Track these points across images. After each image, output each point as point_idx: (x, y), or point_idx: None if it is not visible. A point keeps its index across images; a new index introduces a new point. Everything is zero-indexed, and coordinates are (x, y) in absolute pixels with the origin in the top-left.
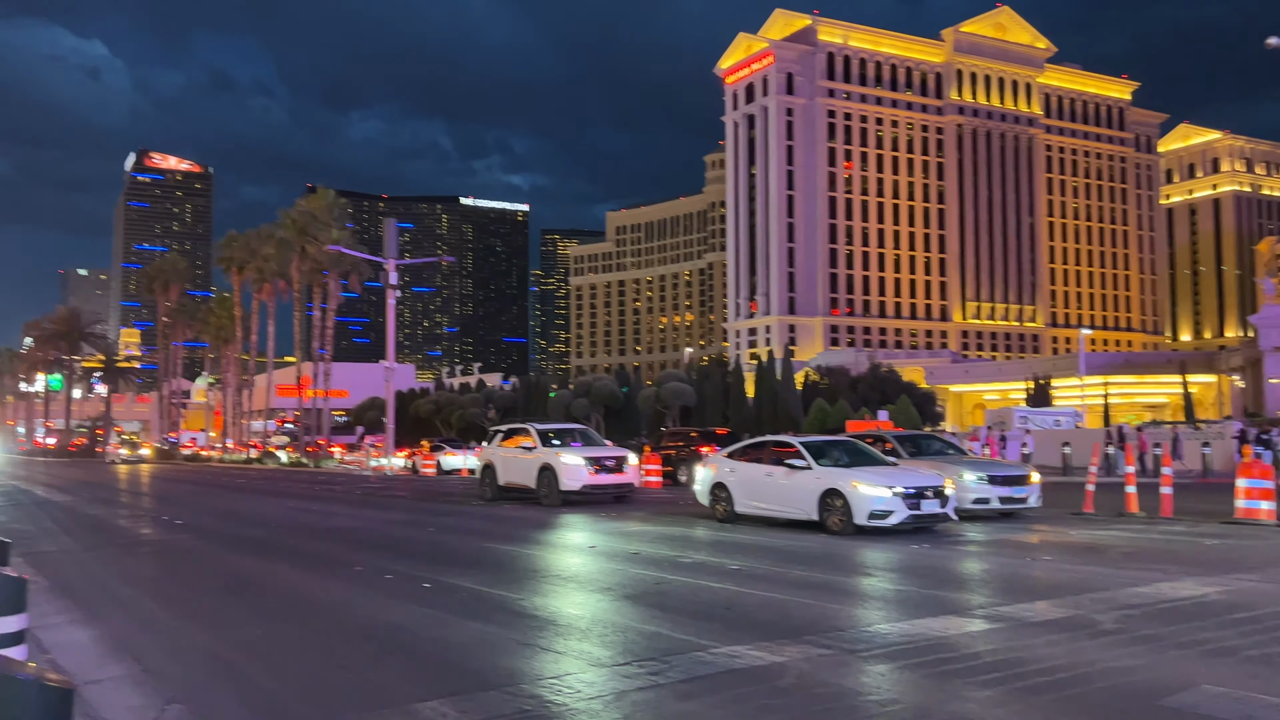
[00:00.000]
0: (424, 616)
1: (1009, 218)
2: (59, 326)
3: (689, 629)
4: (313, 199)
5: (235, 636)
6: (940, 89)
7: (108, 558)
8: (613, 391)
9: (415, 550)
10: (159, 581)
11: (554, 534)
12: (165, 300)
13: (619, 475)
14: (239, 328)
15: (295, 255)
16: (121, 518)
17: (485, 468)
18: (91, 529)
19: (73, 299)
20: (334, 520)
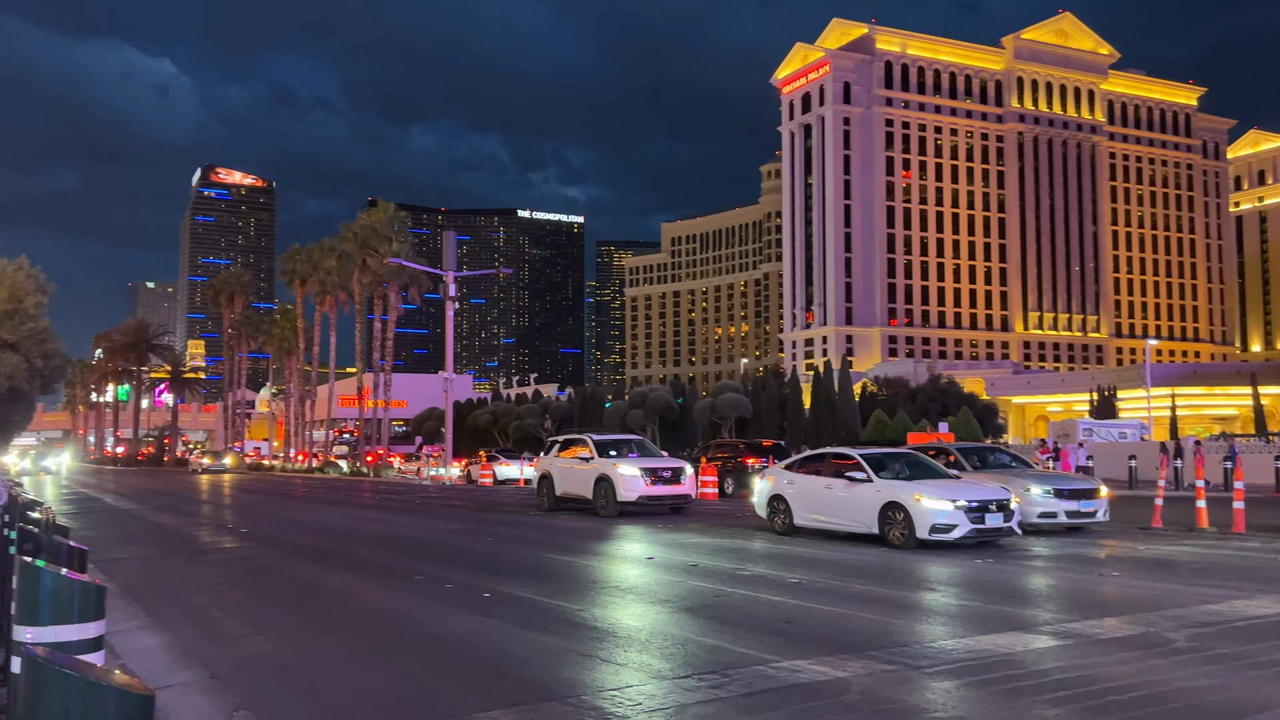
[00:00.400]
0: (484, 626)
1: (1072, 226)
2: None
3: (749, 642)
4: (373, 213)
5: (300, 645)
6: (1000, 96)
7: (175, 565)
8: (668, 402)
9: (474, 560)
10: (225, 589)
11: (611, 545)
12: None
13: (676, 486)
14: (301, 339)
15: (356, 268)
16: (188, 526)
17: (542, 478)
18: (159, 536)
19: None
20: (394, 529)
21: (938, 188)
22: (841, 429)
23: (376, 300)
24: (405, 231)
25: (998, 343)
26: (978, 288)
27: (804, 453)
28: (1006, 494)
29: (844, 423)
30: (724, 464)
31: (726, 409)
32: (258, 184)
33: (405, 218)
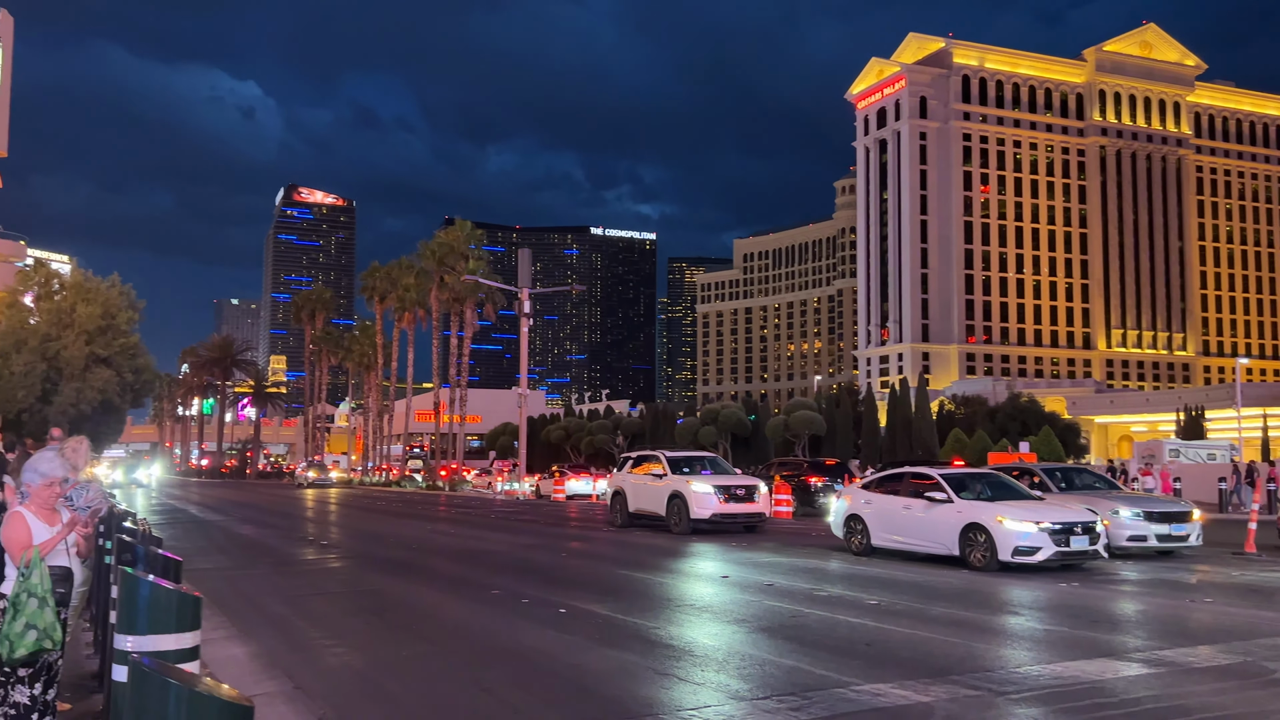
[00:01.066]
0: (561, 642)
1: (1157, 241)
2: (213, 353)
3: (829, 664)
4: (450, 231)
5: (381, 656)
6: (1082, 110)
7: (259, 576)
8: (740, 419)
9: (549, 575)
10: (307, 600)
11: (685, 562)
12: (311, 329)
13: (749, 504)
14: (380, 355)
15: (434, 285)
16: (270, 537)
17: (615, 494)
18: (243, 547)
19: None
20: (470, 543)
21: (1017, 202)
22: (919, 448)
23: (453, 317)
24: (481, 249)
25: (1079, 361)
26: (1058, 304)
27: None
28: (1093, 516)
29: (921, 441)
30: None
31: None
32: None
33: (481, 235)
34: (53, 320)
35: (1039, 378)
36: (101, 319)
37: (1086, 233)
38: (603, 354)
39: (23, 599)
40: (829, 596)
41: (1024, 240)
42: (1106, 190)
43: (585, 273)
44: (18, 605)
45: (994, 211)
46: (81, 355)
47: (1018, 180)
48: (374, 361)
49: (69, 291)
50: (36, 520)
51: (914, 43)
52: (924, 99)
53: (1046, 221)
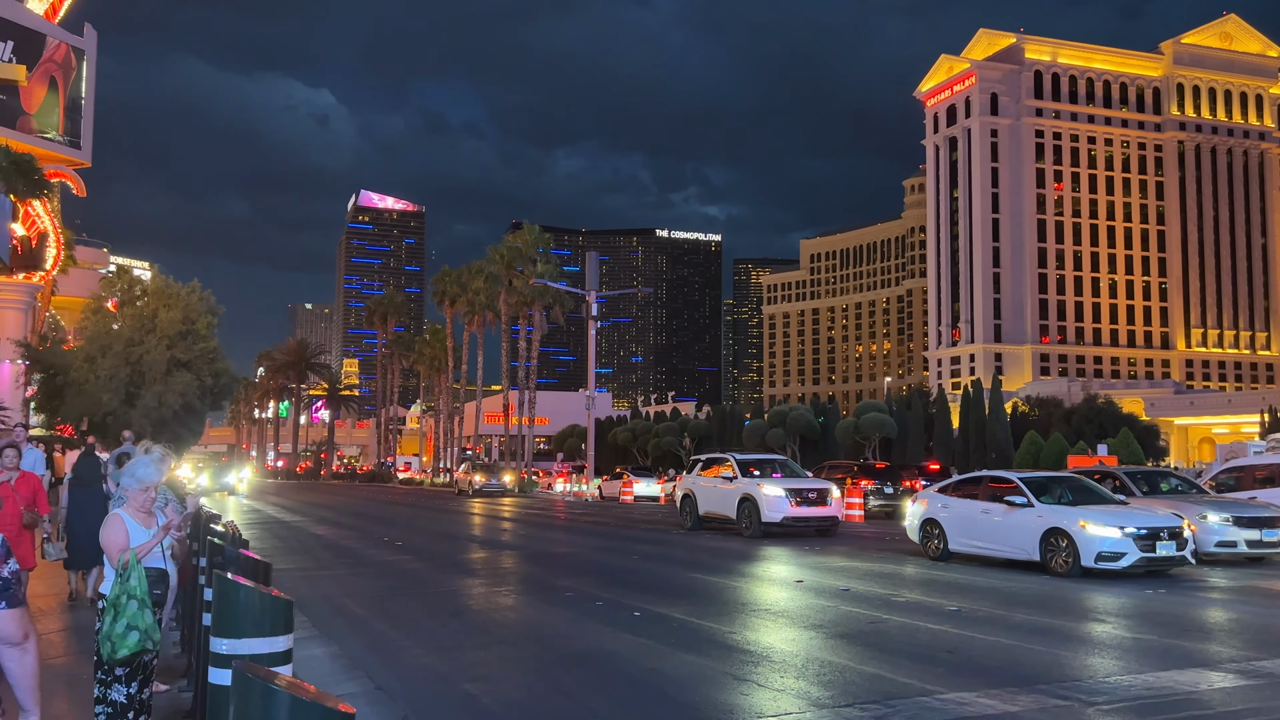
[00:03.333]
0: (637, 646)
1: (1238, 238)
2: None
3: (911, 672)
4: (518, 235)
5: (459, 658)
6: (1159, 104)
7: (337, 577)
8: (809, 421)
9: (622, 577)
10: (384, 601)
11: (758, 566)
12: (383, 332)
13: (821, 508)
14: (450, 358)
15: (502, 289)
16: (345, 538)
17: (685, 497)
18: (321, 548)
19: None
20: (541, 544)
21: (1091, 200)
22: (992, 450)
23: (521, 320)
24: (549, 253)
25: (1157, 361)
26: (1135, 303)
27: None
28: (1179, 521)
29: (995, 444)
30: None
31: (871, 429)
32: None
33: (549, 239)
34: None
35: (1115, 378)
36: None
37: (1165, 230)
38: (668, 356)
39: (123, 601)
40: (907, 602)
41: (1099, 238)
42: (1185, 186)
43: (651, 275)
44: (118, 607)
45: (1068, 209)
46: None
47: (1092, 177)
48: (444, 364)
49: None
50: (134, 523)
51: (984, 39)
52: (995, 95)
53: (1123, 219)
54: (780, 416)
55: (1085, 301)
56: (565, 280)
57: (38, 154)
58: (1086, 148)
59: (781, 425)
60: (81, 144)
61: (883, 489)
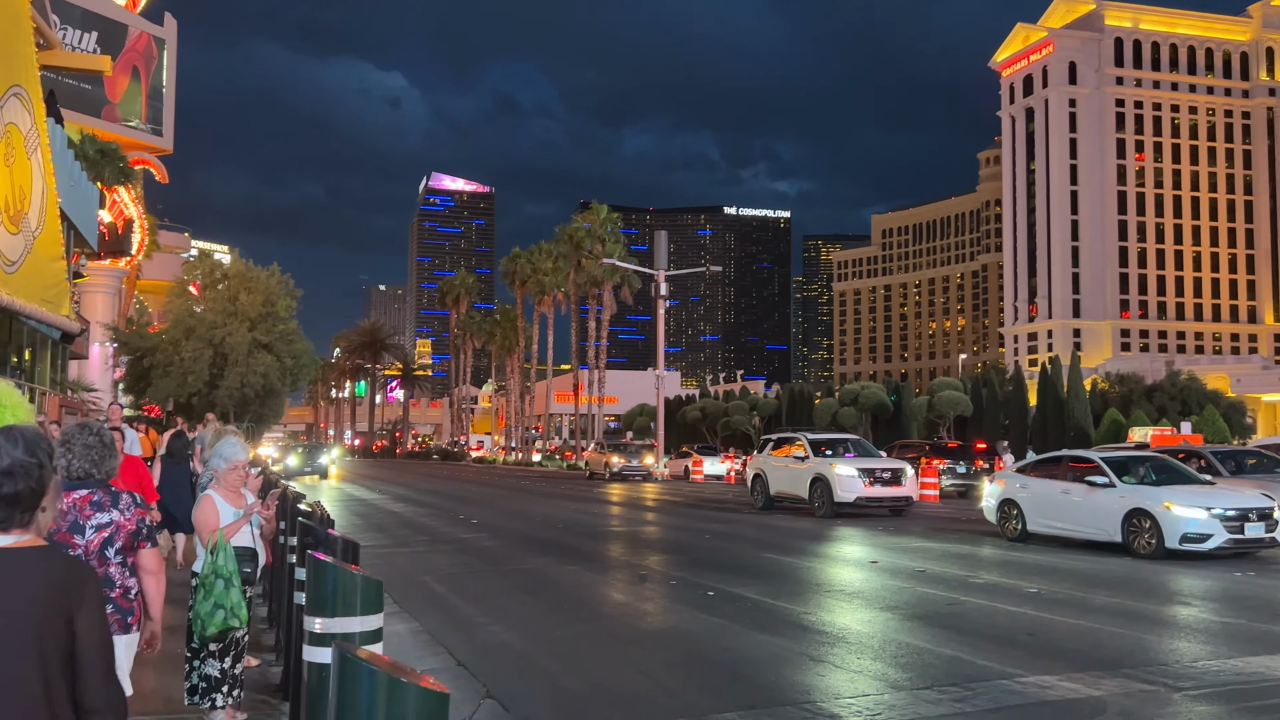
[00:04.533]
0: (712, 625)
1: None
2: (362, 338)
3: (990, 654)
4: (587, 215)
5: (537, 635)
6: (1247, 70)
7: (416, 554)
8: (882, 400)
9: (695, 557)
10: (463, 579)
11: (830, 546)
12: (455, 313)
13: (895, 488)
14: (520, 338)
15: (572, 269)
16: (423, 516)
17: (756, 476)
18: (398, 525)
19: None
20: (612, 523)
21: (1175, 170)
22: (1071, 429)
23: (590, 299)
24: (618, 232)
25: (1244, 335)
26: (1220, 276)
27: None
28: (1270, 502)
29: (1074, 422)
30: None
31: (945, 407)
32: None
33: (617, 219)
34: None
35: (1199, 354)
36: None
37: (1252, 200)
38: (737, 334)
39: (210, 579)
40: (985, 584)
41: (1183, 209)
42: (1274, 154)
43: (719, 253)
44: (207, 585)
45: (1150, 180)
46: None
47: (1175, 147)
48: (514, 344)
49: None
50: (224, 503)
51: (1062, 6)
52: (1073, 64)
53: (1207, 189)
54: (852, 395)
55: (1168, 275)
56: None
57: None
58: (1169, 116)
59: (853, 404)
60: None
61: (955, 468)
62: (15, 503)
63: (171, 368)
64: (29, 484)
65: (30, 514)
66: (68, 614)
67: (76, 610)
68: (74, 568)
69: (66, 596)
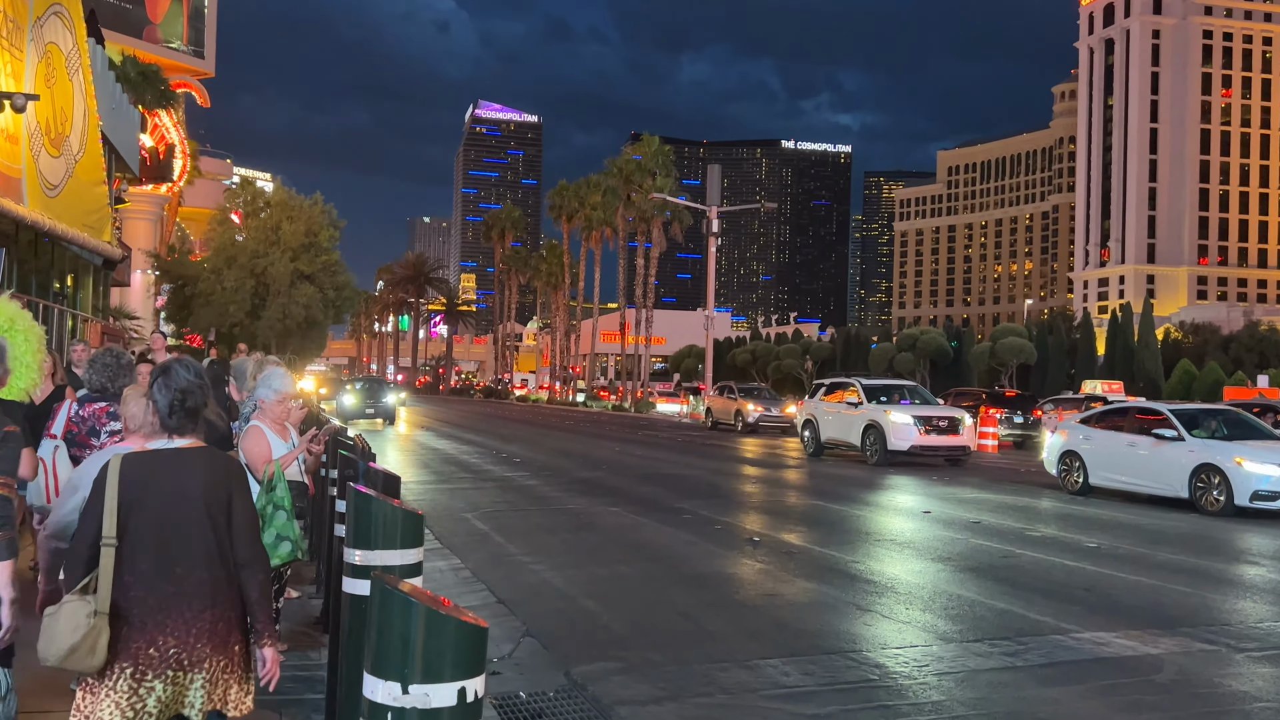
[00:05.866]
0: (755, 571)
1: None
2: (407, 271)
3: (1044, 609)
4: (637, 147)
5: (578, 575)
6: None
7: (458, 491)
8: (941, 346)
9: (740, 501)
10: (504, 516)
11: (883, 495)
12: (501, 248)
13: (952, 437)
14: (567, 274)
15: (620, 203)
16: (466, 454)
17: (806, 422)
18: (442, 462)
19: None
20: (658, 465)
21: (1264, 108)
22: (1141, 379)
23: (639, 235)
24: (669, 165)
25: None
26: None
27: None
28: None
29: (1144, 373)
30: None
31: (1007, 354)
32: (527, 120)
33: (669, 152)
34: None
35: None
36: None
37: None
38: (791, 275)
39: (269, 511)
40: (1042, 537)
41: (1270, 150)
42: None
43: (775, 189)
44: (265, 517)
45: (1236, 118)
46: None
47: (1266, 82)
48: (561, 281)
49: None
50: (273, 435)
51: None
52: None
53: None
54: (910, 340)
55: (1251, 220)
56: (685, 195)
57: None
58: (1261, 50)
59: (911, 349)
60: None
61: (1013, 418)
62: (193, 413)
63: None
64: (200, 399)
65: (197, 422)
66: (227, 495)
67: (232, 494)
68: (230, 463)
69: (226, 483)
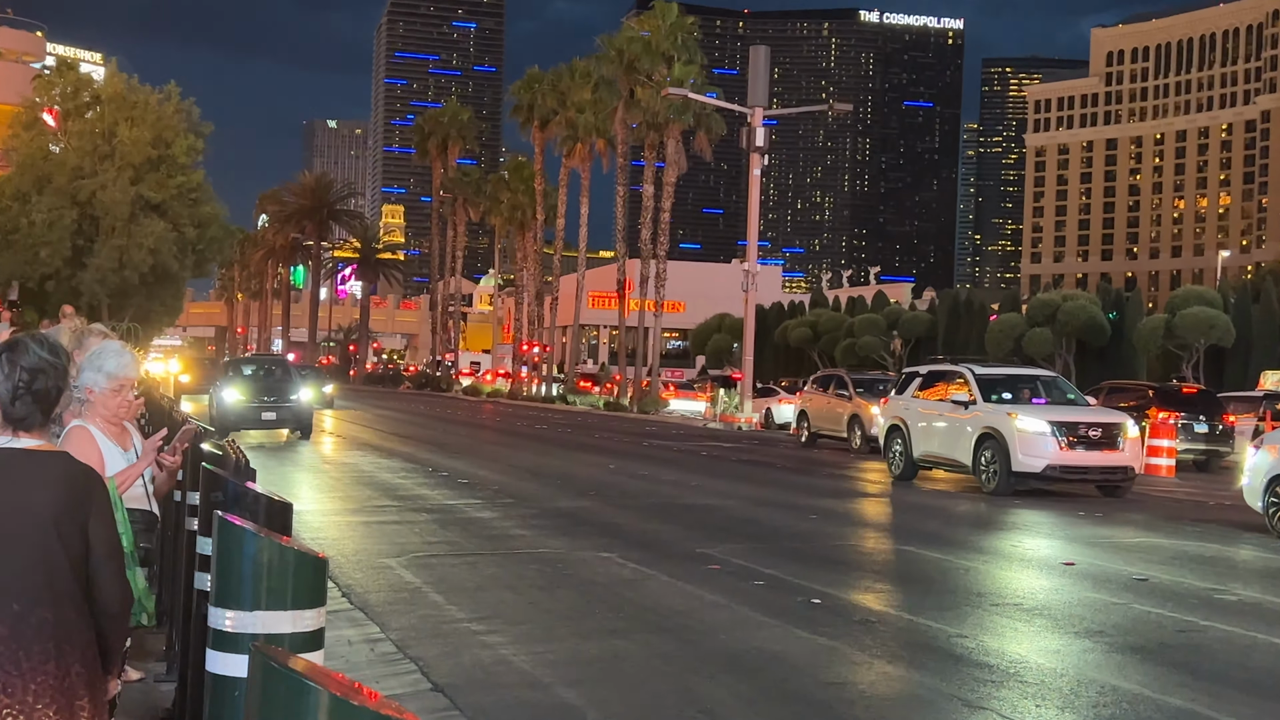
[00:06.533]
0: (813, 647)
1: None
2: (302, 201)
3: (1243, 710)
4: (646, 19)
5: (552, 652)
6: None
7: (378, 528)
8: (1092, 318)
9: (792, 545)
10: (445, 564)
11: (1004, 538)
12: (442, 167)
13: (1108, 453)
14: (539, 207)
15: (620, 103)
16: (390, 471)
17: (892, 428)
18: (354, 483)
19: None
20: (671, 490)
21: None
22: None
23: (647, 151)
24: (694, 47)
25: None
26: None
27: None
28: None
29: None
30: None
31: (1191, 332)
32: None
33: (693, 25)
34: (85, 149)
35: None
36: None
37: None
38: (871, 211)
39: None
40: (1239, 603)
41: None
42: None
43: (850, 83)
44: None
45: None
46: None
47: None
48: (530, 218)
49: (107, 107)
50: (106, 440)
51: None
52: None
53: None
54: (1047, 309)
55: None
56: (717, 91)
57: None
58: None
59: (1048, 323)
60: None
61: (1194, 425)
62: (44, 399)
63: (16, 235)
64: (56, 383)
65: (48, 417)
66: (83, 519)
67: (89, 516)
68: (91, 476)
69: (82, 503)
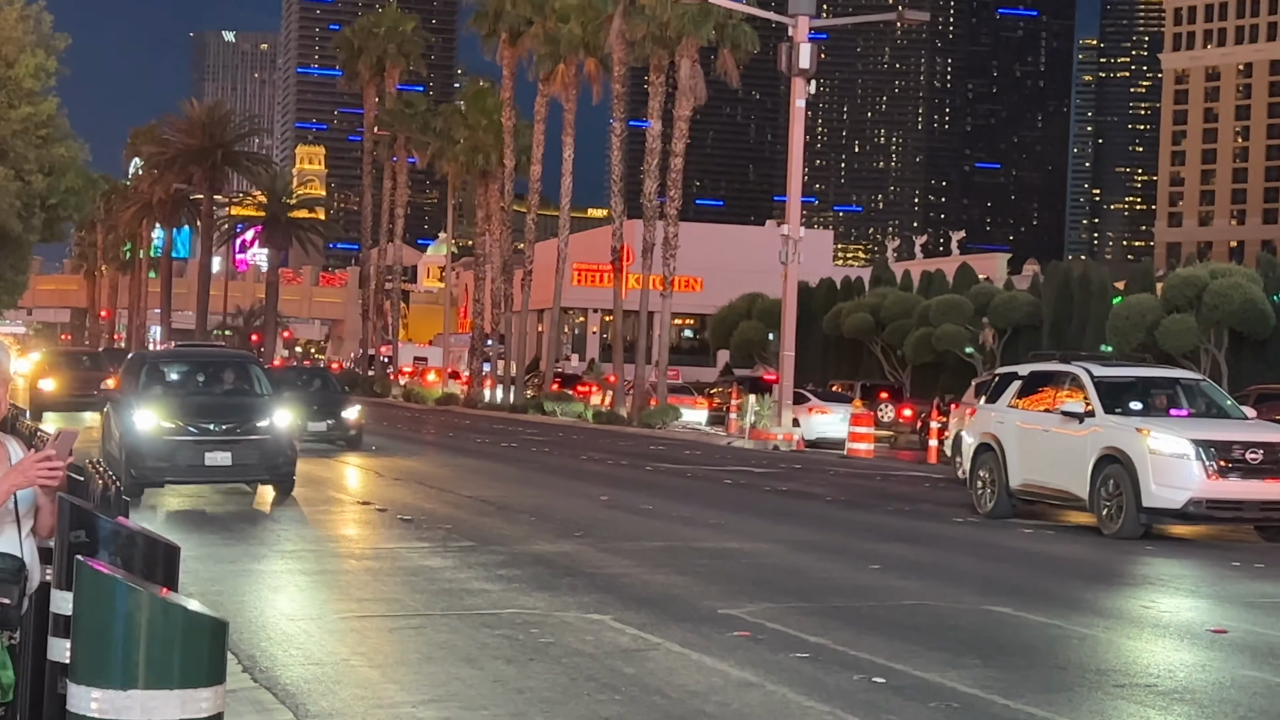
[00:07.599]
0: None
1: None
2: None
3: None
4: None
5: None
6: None
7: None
8: (1250, 300)
9: (848, 604)
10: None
11: (1130, 596)
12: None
13: (1273, 483)
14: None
15: (617, 9)
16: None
17: (980, 448)
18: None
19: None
20: (687, 531)
21: None
22: None
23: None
24: None
25: None
26: None
27: None
28: None
29: None
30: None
31: None
32: None
33: None
34: None
35: None
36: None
37: None
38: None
39: None
40: None
41: None
42: None
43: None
44: None
45: None
46: None
47: None
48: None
49: None
50: None
51: None
52: None
53: None
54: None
55: None
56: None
57: None
58: None
59: (1192, 307)
60: None
61: None
62: None
63: None
64: None
65: None
66: None
67: None
68: None
69: None
